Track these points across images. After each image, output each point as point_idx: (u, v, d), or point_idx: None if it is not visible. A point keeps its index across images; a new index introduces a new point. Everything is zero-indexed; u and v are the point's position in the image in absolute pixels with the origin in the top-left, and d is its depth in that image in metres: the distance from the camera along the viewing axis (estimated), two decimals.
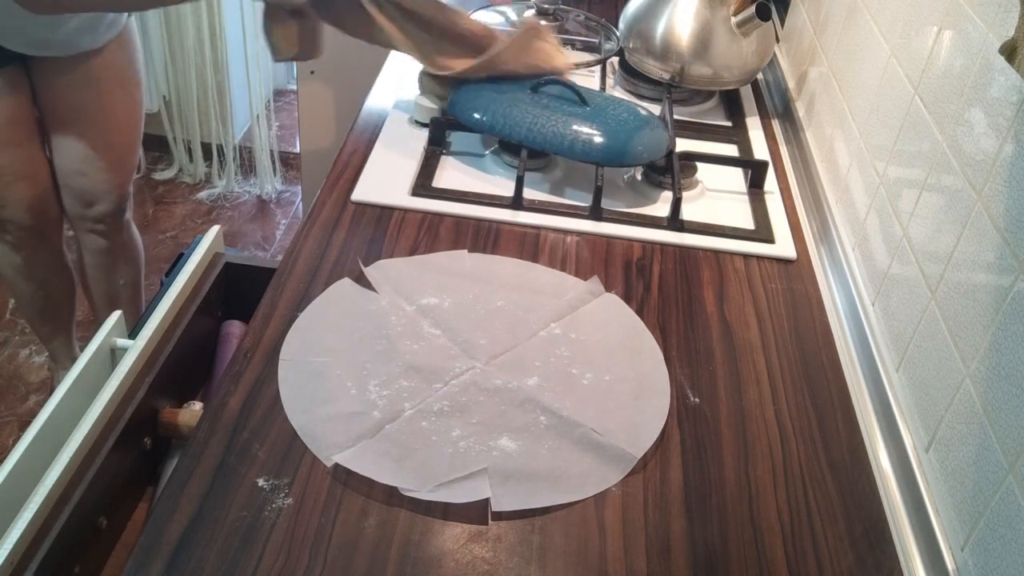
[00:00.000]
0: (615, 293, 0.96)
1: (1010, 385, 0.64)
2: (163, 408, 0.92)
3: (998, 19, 0.74)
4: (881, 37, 1.02)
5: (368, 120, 1.24)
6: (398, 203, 1.06)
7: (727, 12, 1.27)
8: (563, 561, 0.69)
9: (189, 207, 2.58)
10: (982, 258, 0.71)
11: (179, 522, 0.68)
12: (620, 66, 1.43)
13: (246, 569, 0.65)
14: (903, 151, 0.91)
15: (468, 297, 0.92)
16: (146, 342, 0.91)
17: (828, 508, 0.76)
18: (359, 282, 0.93)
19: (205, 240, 1.06)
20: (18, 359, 2.05)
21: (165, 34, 2.45)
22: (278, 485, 0.72)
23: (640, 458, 0.77)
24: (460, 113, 1.14)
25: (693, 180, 1.17)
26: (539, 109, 1.10)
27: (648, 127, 1.12)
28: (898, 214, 0.90)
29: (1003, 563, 0.62)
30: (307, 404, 0.79)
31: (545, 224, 1.06)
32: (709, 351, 0.91)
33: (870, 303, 0.94)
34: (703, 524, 0.73)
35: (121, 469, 0.83)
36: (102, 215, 1.64)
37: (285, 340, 0.85)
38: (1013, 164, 0.68)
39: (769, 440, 0.82)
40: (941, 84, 0.83)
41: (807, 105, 1.29)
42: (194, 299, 0.99)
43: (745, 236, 1.07)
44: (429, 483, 0.73)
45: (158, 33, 2.43)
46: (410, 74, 1.36)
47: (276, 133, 2.85)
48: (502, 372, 0.84)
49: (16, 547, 0.70)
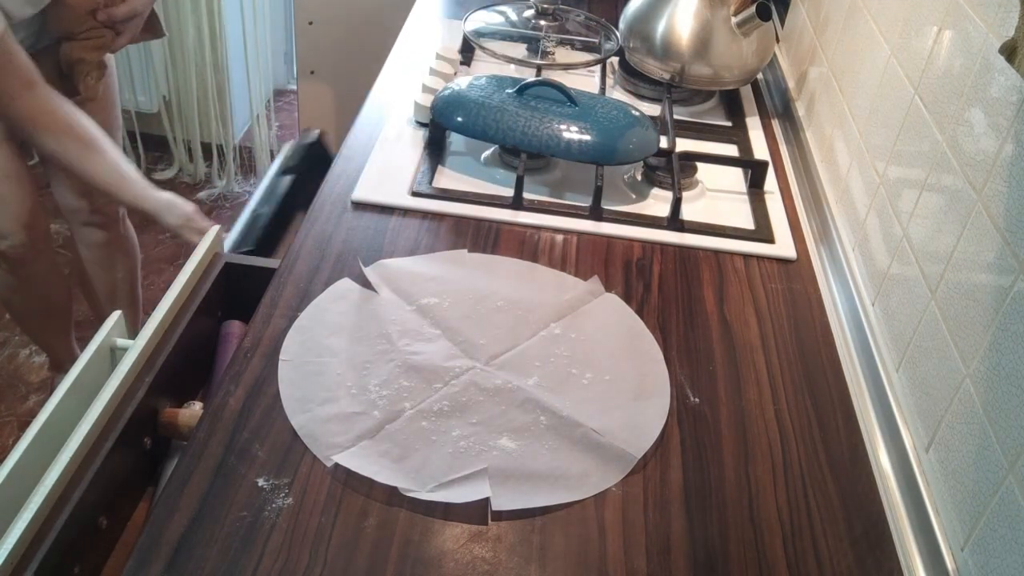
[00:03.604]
0: (615, 293, 0.96)
1: (1010, 385, 0.64)
2: (163, 408, 0.92)
3: (998, 19, 0.74)
4: (881, 37, 1.02)
5: (368, 120, 1.24)
6: (398, 203, 1.06)
7: (727, 12, 1.27)
8: (563, 561, 0.69)
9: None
10: (982, 258, 0.71)
11: (179, 522, 0.68)
12: (620, 66, 1.43)
13: (246, 569, 0.65)
14: (903, 151, 0.91)
15: (468, 297, 0.92)
16: (146, 342, 0.91)
17: (828, 508, 0.76)
18: (359, 282, 0.93)
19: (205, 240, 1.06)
20: (18, 359, 2.05)
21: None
22: (278, 485, 0.72)
23: (640, 458, 0.77)
24: (446, 121, 1.14)
25: (693, 180, 1.17)
26: (529, 112, 1.10)
27: (639, 125, 1.12)
28: (898, 214, 0.90)
29: (1003, 563, 0.62)
30: (307, 404, 0.79)
31: (545, 224, 1.06)
32: (709, 351, 0.91)
33: (870, 303, 0.94)
34: (703, 524, 0.73)
35: (121, 469, 0.83)
36: (99, 205, 1.63)
37: (285, 340, 0.85)
38: (1013, 164, 0.68)
39: (769, 440, 0.82)
40: (941, 84, 0.83)
41: (807, 105, 1.29)
42: (194, 299, 0.99)
43: (745, 236, 1.07)
44: (429, 483, 0.73)
45: None
46: (410, 74, 1.36)
47: (276, 133, 2.85)
48: (502, 372, 0.84)
49: (16, 547, 0.70)
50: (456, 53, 1.39)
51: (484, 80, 1.16)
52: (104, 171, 1.30)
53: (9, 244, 1.51)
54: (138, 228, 1.82)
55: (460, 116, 1.12)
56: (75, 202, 1.62)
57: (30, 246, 1.54)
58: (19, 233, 1.50)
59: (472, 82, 1.16)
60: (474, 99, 1.12)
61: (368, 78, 1.38)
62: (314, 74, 2.18)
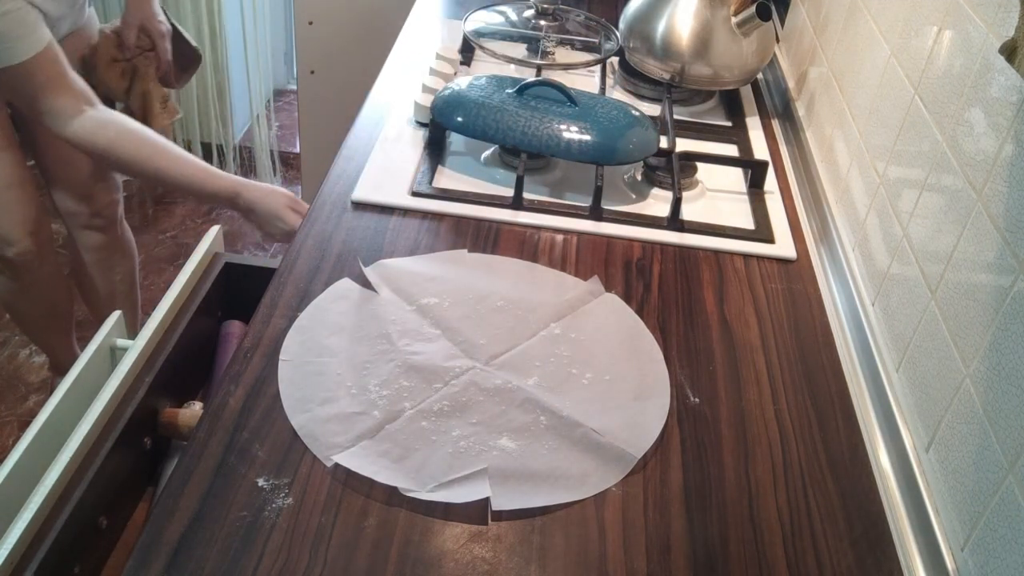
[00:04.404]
0: (615, 293, 0.96)
1: (1010, 385, 0.64)
2: (163, 408, 0.92)
3: (998, 19, 0.74)
4: (881, 37, 1.02)
5: (368, 120, 1.24)
6: (398, 203, 1.06)
7: (727, 12, 1.27)
8: (563, 561, 0.69)
9: (189, 207, 2.58)
10: (982, 258, 0.71)
11: (179, 522, 0.68)
12: (620, 66, 1.43)
13: (246, 569, 0.65)
14: (903, 151, 0.91)
15: (468, 297, 0.92)
16: (146, 342, 0.91)
17: (828, 508, 0.76)
18: (359, 282, 0.93)
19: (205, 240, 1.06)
20: (18, 359, 2.05)
21: None
22: (278, 485, 0.72)
23: (640, 458, 0.77)
24: (446, 121, 1.14)
25: (693, 180, 1.17)
26: (529, 112, 1.10)
27: (639, 125, 1.12)
28: (898, 214, 0.90)
29: (1003, 563, 0.62)
30: (307, 404, 0.79)
31: (545, 224, 1.06)
32: (709, 351, 0.91)
33: (870, 303, 0.94)
34: (703, 524, 0.73)
35: (121, 469, 0.83)
36: (99, 208, 1.63)
37: (285, 340, 0.85)
38: (1013, 164, 0.68)
39: (769, 440, 0.82)
40: (941, 84, 0.83)
41: (807, 105, 1.29)
42: (194, 299, 1.00)
43: (745, 236, 1.07)
44: (429, 483, 0.73)
45: None
46: (410, 74, 1.36)
47: (276, 133, 2.85)
48: (502, 372, 0.84)
49: (16, 547, 0.70)
50: (456, 53, 1.39)
51: (484, 80, 1.16)
52: (185, 167, 1.28)
53: (15, 251, 1.51)
54: (138, 228, 1.82)
55: (460, 116, 1.12)
56: (75, 206, 1.62)
57: (35, 252, 1.54)
58: (25, 240, 1.51)
59: (472, 82, 1.16)
60: (474, 99, 1.12)
61: (368, 78, 1.38)
62: (314, 74, 2.18)
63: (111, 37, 1.57)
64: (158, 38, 1.61)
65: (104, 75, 1.59)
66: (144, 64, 1.62)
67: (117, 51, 1.58)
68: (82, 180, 1.57)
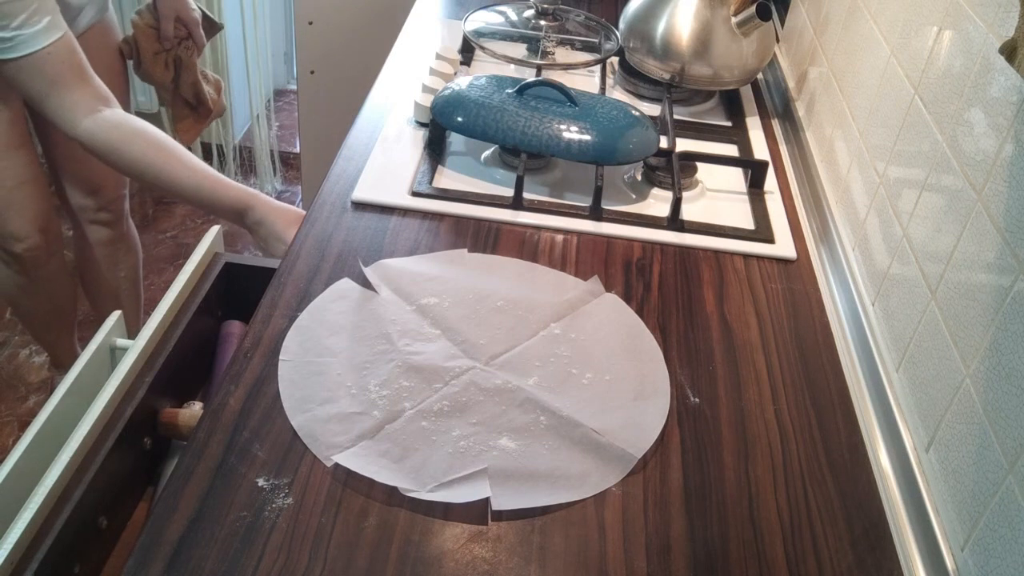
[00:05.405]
0: (615, 293, 0.96)
1: (1010, 385, 0.64)
2: (163, 408, 0.92)
3: (998, 19, 0.74)
4: (881, 37, 1.02)
5: (368, 120, 1.24)
6: (398, 203, 1.06)
7: (727, 12, 1.27)
8: (563, 561, 0.69)
9: (189, 207, 2.58)
10: (982, 258, 0.71)
11: (179, 522, 0.68)
12: (620, 66, 1.43)
13: (246, 569, 0.65)
14: (903, 151, 0.91)
15: (468, 297, 0.92)
16: (146, 342, 0.91)
17: (828, 508, 0.76)
18: (359, 282, 0.93)
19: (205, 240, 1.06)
20: (18, 359, 2.05)
21: None
22: (278, 485, 0.72)
23: (640, 458, 0.77)
24: (446, 121, 1.14)
25: (693, 180, 1.17)
26: (529, 112, 1.10)
27: (639, 125, 1.12)
28: (898, 214, 0.90)
29: (1003, 563, 0.62)
30: (307, 404, 0.79)
31: (545, 224, 1.06)
32: (709, 351, 0.91)
33: (870, 303, 0.94)
34: (703, 524, 0.73)
35: (121, 469, 0.83)
36: (107, 202, 1.64)
37: (285, 340, 0.85)
38: (1013, 164, 0.68)
39: (769, 440, 0.82)
40: (941, 84, 0.83)
41: (807, 105, 1.29)
42: (194, 299, 1.00)
43: (745, 236, 1.07)
44: (429, 483, 0.73)
45: None
46: (410, 74, 1.36)
47: (276, 133, 2.85)
48: (502, 372, 0.84)
49: (16, 547, 0.70)
50: (456, 53, 1.39)
51: (484, 80, 1.16)
52: (194, 174, 1.25)
53: (25, 247, 1.52)
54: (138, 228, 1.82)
55: (460, 116, 1.12)
56: (83, 200, 1.62)
57: (44, 248, 1.55)
58: (35, 236, 1.52)
59: (472, 82, 1.16)
60: (474, 99, 1.12)
61: (368, 78, 1.38)
62: (314, 74, 2.18)
63: (148, 31, 1.57)
64: (193, 26, 1.61)
65: (151, 69, 1.59)
66: (186, 54, 1.62)
67: (157, 44, 1.57)
68: (91, 174, 1.58)
